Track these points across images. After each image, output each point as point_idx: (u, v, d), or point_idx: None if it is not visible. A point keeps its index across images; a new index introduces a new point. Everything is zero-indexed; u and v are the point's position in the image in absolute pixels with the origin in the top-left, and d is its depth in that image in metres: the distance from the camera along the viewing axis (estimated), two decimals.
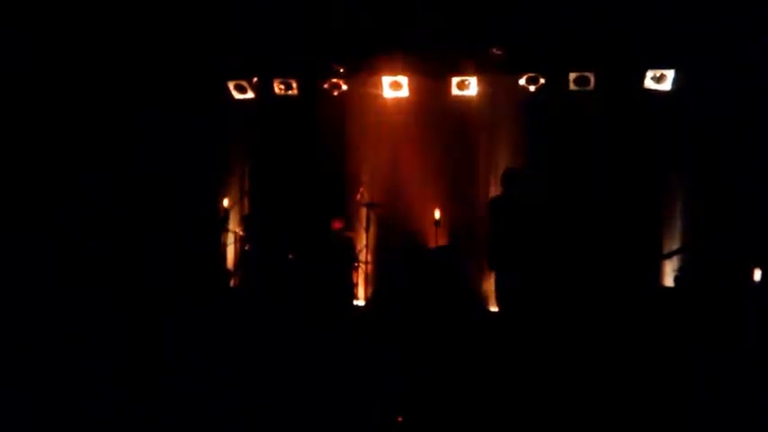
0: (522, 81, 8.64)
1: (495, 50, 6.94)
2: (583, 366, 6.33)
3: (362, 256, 8.64)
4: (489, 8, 7.92)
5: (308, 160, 9.29)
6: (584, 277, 8.06)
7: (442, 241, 8.68)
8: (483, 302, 8.39)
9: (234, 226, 9.24)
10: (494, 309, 8.10)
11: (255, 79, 9.16)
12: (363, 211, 8.76)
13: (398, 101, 9.10)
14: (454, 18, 8.06)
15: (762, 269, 7.14)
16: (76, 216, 8.04)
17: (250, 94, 9.25)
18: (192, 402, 5.28)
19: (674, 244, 8.28)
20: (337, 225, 8.67)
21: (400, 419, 5.31)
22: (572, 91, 8.52)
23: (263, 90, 9.18)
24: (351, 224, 8.92)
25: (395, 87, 8.96)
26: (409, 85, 8.94)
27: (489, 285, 7.82)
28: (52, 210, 7.91)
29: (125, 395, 5.40)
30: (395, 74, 8.89)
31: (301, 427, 5.17)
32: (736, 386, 5.60)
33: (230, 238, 9.15)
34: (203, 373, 5.65)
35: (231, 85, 9.21)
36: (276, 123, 9.33)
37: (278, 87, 9.14)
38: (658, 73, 8.28)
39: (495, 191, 8.03)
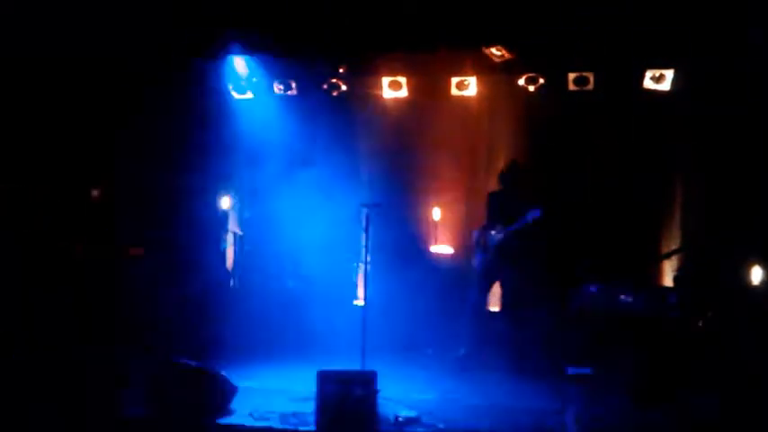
0: (521, 81, 8.64)
1: None
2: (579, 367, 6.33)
3: (362, 256, 8.62)
4: (489, 7, 7.91)
5: (306, 160, 9.29)
6: (581, 276, 8.08)
7: (442, 241, 8.67)
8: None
9: (234, 226, 9.23)
10: (494, 308, 8.11)
11: (254, 79, 9.15)
12: (363, 211, 8.73)
13: (398, 101, 9.10)
14: (453, 17, 8.04)
15: (762, 269, 7.14)
16: (76, 216, 8.03)
17: (249, 94, 9.25)
18: (192, 401, 5.28)
19: (673, 244, 8.28)
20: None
21: (400, 419, 5.32)
22: (571, 91, 8.53)
23: (262, 90, 9.18)
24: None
25: (394, 87, 8.96)
26: (408, 84, 8.94)
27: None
28: (49, 209, 7.90)
29: (125, 395, 5.41)
30: (394, 74, 8.89)
31: (301, 426, 5.17)
32: (735, 387, 5.60)
33: (230, 238, 9.14)
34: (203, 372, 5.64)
35: (230, 85, 9.21)
36: (275, 123, 9.33)
37: (276, 87, 9.13)
38: (657, 73, 8.27)
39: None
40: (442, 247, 8.56)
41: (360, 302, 8.70)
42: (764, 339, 6.14)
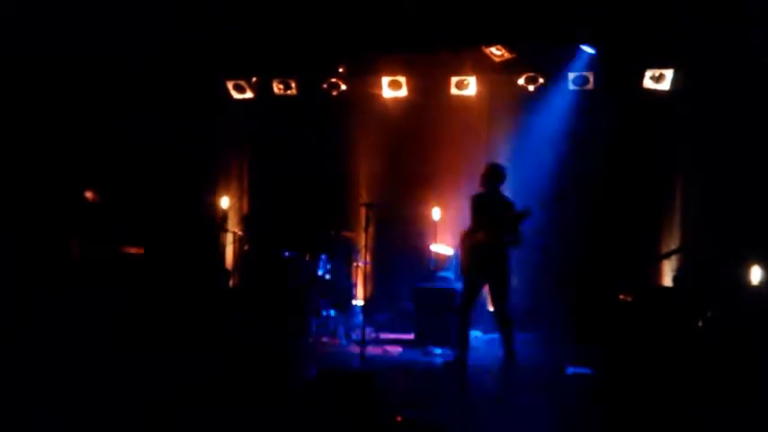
0: (521, 81, 8.64)
1: None
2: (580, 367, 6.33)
3: (362, 256, 8.63)
4: (489, 8, 7.91)
5: (307, 160, 9.30)
6: (581, 277, 8.08)
7: (442, 240, 8.67)
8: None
9: (233, 226, 9.24)
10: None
11: (255, 79, 9.16)
12: (362, 211, 8.73)
13: (397, 100, 9.10)
14: (454, 17, 8.04)
15: (762, 269, 7.13)
16: (75, 216, 8.03)
17: (249, 94, 9.25)
18: (190, 402, 5.28)
19: (673, 244, 8.28)
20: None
21: (399, 419, 5.31)
22: (571, 91, 8.53)
23: (262, 90, 9.19)
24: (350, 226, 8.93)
25: (394, 87, 8.96)
26: (408, 84, 8.95)
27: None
28: (49, 209, 7.90)
29: (125, 395, 5.40)
30: (394, 74, 8.90)
31: (301, 426, 5.16)
32: (736, 388, 5.59)
33: (230, 238, 9.15)
34: (203, 372, 5.65)
35: (230, 85, 9.21)
36: (275, 123, 9.34)
37: (277, 87, 9.13)
38: (657, 73, 8.27)
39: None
40: (441, 247, 8.56)
41: (359, 302, 8.72)
42: (764, 339, 6.13)
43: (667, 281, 8.10)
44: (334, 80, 8.99)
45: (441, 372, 6.83)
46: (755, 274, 7.16)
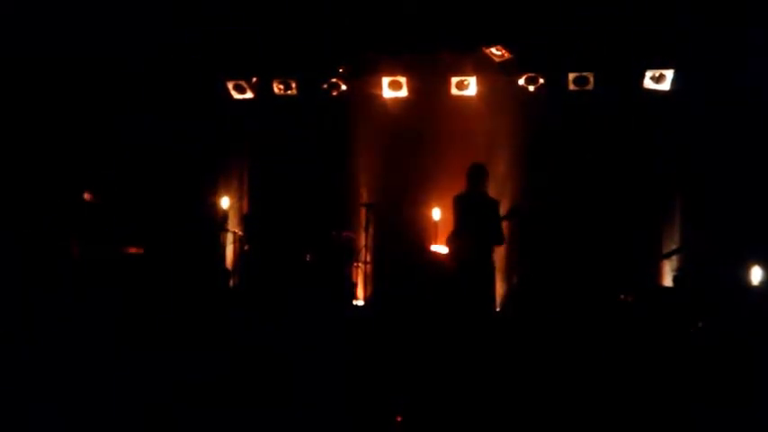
0: (521, 81, 8.64)
1: None
2: (580, 368, 6.32)
3: (362, 256, 8.63)
4: (489, 8, 7.92)
5: (307, 160, 9.30)
6: (581, 277, 8.08)
7: (441, 241, 8.66)
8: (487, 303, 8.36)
9: (233, 226, 9.24)
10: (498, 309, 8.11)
11: (255, 79, 9.16)
12: (363, 212, 8.74)
13: (398, 100, 9.10)
14: (454, 18, 8.05)
15: (762, 269, 7.14)
16: (75, 216, 8.04)
17: (249, 95, 9.25)
18: (190, 402, 5.28)
19: (673, 244, 8.28)
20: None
21: (399, 419, 5.31)
22: (571, 91, 8.53)
23: (263, 90, 9.19)
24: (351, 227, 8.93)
25: (394, 87, 8.96)
26: (408, 84, 8.95)
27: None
28: (49, 209, 7.90)
29: (125, 395, 5.40)
30: (394, 74, 8.90)
31: (301, 426, 5.16)
32: (736, 388, 5.59)
33: (230, 238, 9.15)
34: (203, 372, 5.64)
35: (230, 85, 9.21)
36: (275, 123, 9.34)
37: (277, 87, 9.13)
38: (657, 73, 8.27)
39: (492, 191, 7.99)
40: (441, 247, 8.56)
41: (359, 302, 8.71)
42: (764, 339, 6.14)
43: (667, 281, 8.11)
44: (334, 80, 8.99)
45: None
46: (755, 275, 7.17)
